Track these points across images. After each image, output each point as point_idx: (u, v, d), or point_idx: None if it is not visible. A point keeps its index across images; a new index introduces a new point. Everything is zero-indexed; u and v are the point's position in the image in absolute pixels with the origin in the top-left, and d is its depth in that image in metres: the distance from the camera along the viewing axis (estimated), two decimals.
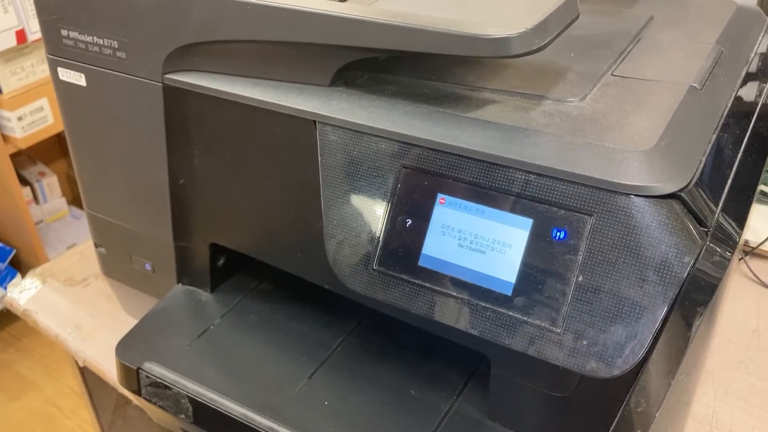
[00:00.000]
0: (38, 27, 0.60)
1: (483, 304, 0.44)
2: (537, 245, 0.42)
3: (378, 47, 0.45)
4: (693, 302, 0.41)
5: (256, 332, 0.62)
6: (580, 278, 0.41)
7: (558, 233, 0.42)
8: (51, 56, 0.59)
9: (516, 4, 0.45)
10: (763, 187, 0.84)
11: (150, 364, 0.57)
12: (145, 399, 0.58)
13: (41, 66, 1.61)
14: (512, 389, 0.49)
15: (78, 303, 0.81)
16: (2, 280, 1.77)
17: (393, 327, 0.58)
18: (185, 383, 0.56)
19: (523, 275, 0.43)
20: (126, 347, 0.60)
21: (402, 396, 0.56)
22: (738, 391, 0.67)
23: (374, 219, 0.47)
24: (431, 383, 0.57)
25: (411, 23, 0.43)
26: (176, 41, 0.52)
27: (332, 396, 0.55)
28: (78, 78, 0.59)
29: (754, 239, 0.81)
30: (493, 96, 0.48)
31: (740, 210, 0.46)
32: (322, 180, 0.49)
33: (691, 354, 0.43)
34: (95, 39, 0.56)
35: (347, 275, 0.48)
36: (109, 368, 0.72)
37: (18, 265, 1.83)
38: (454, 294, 0.45)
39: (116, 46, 0.55)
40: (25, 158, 1.90)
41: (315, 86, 0.50)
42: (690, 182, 0.41)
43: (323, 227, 0.49)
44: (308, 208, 0.50)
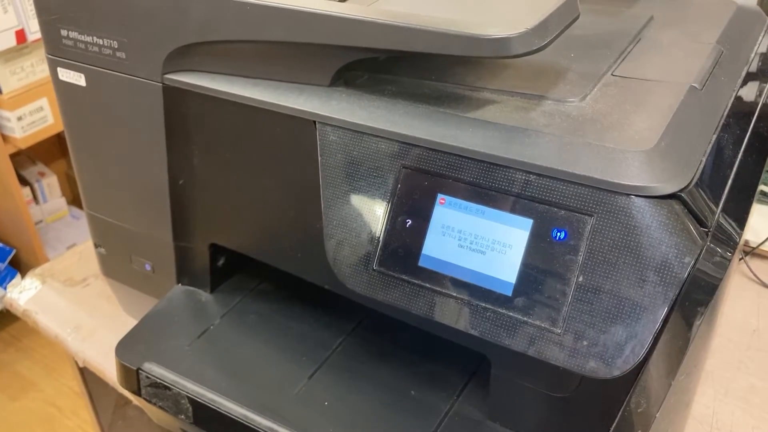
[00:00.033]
0: (38, 27, 0.60)
1: (483, 305, 0.44)
2: (537, 245, 0.42)
3: (378, 47, 0.45)
4: (693, 302, 0.41)
5: (256, 332, 0.62)
6: (581, 279, 0.41)
7: (558, 233, 0.42)
8: (51, 56, 0.59)
9: (516, 4, 0.45)
10: (764, 187, 0.84)
11: (150, 365, 0.57)
12: (145, 399, 0.58)
13: (41, 66, 1.61)
14: (512, 390, 0.49)
15: (78, 303, 0.81)
16: (2, 281, 1.77)
17: (393, 327, 0.57)
18: (185, 384, 0.56)
19: (524, 276, 0.43)
20: (126, 348, 0.60)
21: (402, 396, 0.56)
22: (738, 391, 0.67)
23: (374, 219, 0.47)
24: (431, 383, 0.57)
25: (411, 23, 0.43)
26: (176, 41, 0.52)
27: (332, 396, 0.55)
28: (78, 78, 0.59)
29: (755, 239, 0.81)
30: (493, 96, 0.48)
31: (740, 210, 0.46)
32: (322, 180, 0.49)
33: (692, 354, 0.43)
34: (95, 39, 0.56)
35: (347, 275, 0.48)
36: (109, 368, 0.72)
37: (18, 265, 1.83)
38: (455, 294, 0.45)
39: (116, 46, 0.55)
40: (25, 158, 1.90)
41: (315, 86, 0.50)
42: (690, 182, 0.41)
43: (323, 227, 0.49)
44: (308, 209, 0.50)
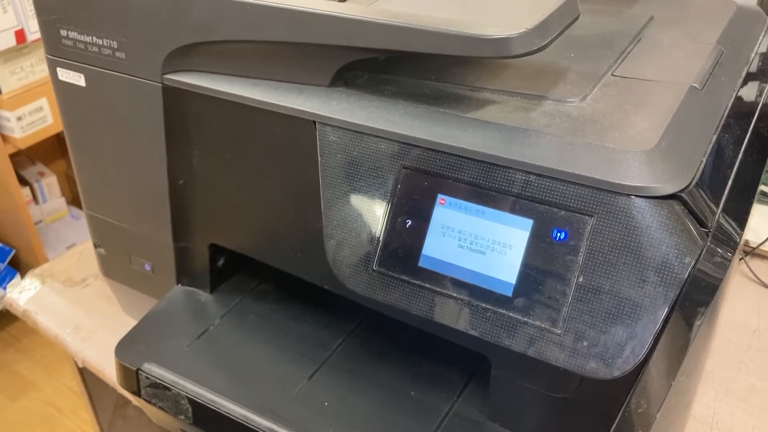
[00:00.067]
0: (37, 27, 0.59)
1: (483, 305, 0.44)
2: (537, 246, 0.42)
3: (378, 47, 0.45)
4: (694, 303, 0.40)
5: (256, 333, 0.62)
6: (581, 279, 0.41)
7: (558, 234, 0.42)
8: (50, 56, 0.59)
9: (516, 4, 0.45)
10: (764, 188, 0.84)
11: (149, 365, 0.57)
12: (145, 400, 0.58)
13: (40, 66, 1.60)
14: (513, 390, 0.49)
15: (77, 303, 0.81)
16: (2, 281, 1.77)
17: (393, 328, 0.57)
18: (185, 384, 0.56)
19: (524, 276, 0.43)
20: (125, 348, 0.60)
21: (402, 397, 0.56)
22: (738, 392, 0.66)
23: (374, 219, 0.47)
24: (431, 384, 0.57)
25: (411, 23, 0.43)
26: (176, 41, 0.52)
27: (332, 397, 0.55)
28: (77, 78, 0.59)
29: (755, 239, 0.81)
30: (494, 96, 0.48)
31: (741, 210, 0.46)
32: (322, 180, 0.49)
33: (692, 355, 0.43)
34: (94, 39, 0.56)
35: (347, 276, 0.48)
36: (109, 369, 0.72)
37: (17, 266, 1.83)
38: (455, 295, 0.45)
39: (115, 47, 0.55)
40: (25, 158, 1.90)
41: (315, 86, 0.50)
42: (691, 183, 0.41)
43: (323, 228, 0.49)
44: (308, 209, 0.50)
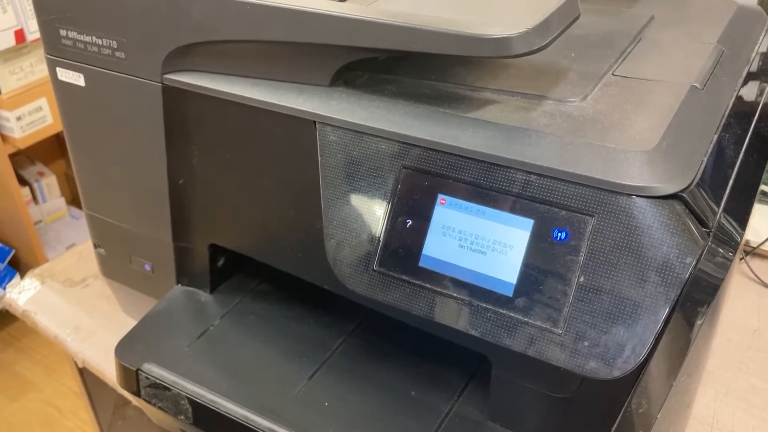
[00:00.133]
0: (37, 27, 0.59)
1: (484, 305, 0.44)
2: (538, 246, 0.42)
3: (378, 47, 0.45)
4: (695, 303, 0.40)
5: (256, 333, 0.62)
6: (582, 279, 0.41)
7: (559, 234, 0.42)
8: (50, 56, 0.59)
9: (517, 4, 0.45)
10: (765, 187, 0.84)
11: (149, 365, 0.57)
12: (145, 400, 0.58)
13: (40, 66, 1.60)
14: (513, 390, 0.49)
15: (77, 304, 0.81)
16: (1, 281, 1.77)
17: (393, 328, 0.57)
18: (185, 384, 0.56)
19: (524, 276, 0.43)
20: (125, 348, 0.59)
21: (402, 397, 0.55)
22: (739, 392, 0.66)
23: (374, 219, 0.47)
24: (432, 384, 0.57)
25: (411, 23, 0.43)
26: (175, 41, 0.52)
27: (332, 397, 0.55)
28: (77, 78, 0.59)
29: (755, 239, 0.81)
30: (494, 96, 0.48)
31: (742, 210, 0.46)
32: (322, 180, 0.49)
33: (693, 355, 0.43)
34: (94, 39, 0.56)
35: (347, 276, 0.48)
36: (109, 369, 0.72)
37: (17, 266, 1.82)
38: (455, 295, 0.45)
39: (115, 46, 0.55)
40: (24, 158, 1.90)
41: (315, 86, 0.50)
42: (692, 183, 0.41)
43: (323, 228, 0.49)
44: (308, 209, 0.50)
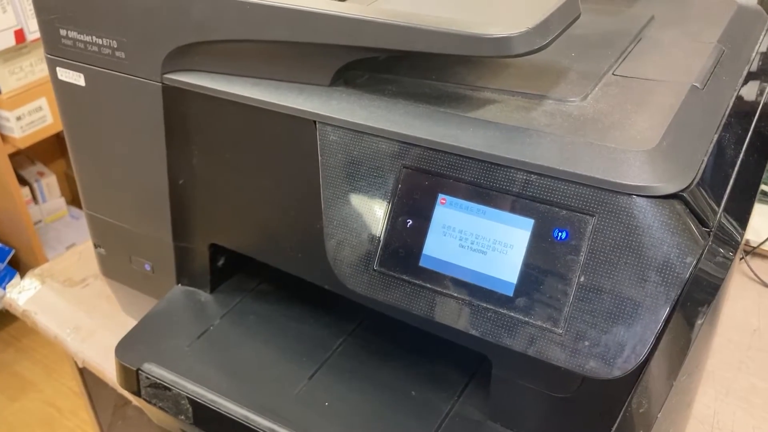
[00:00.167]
0: (37, 26, 0.59)
1: (484, 305, 0.44)
2: (538, 246, 0.42)
3: (378, 47, 0.45)
4: (695, 303, 0.40)
5: (256, 333, 0.62)
6: (582, 279, 0.41)
7: (559, 233, 0.42)
8: (50, 56, 0.59)
9: (517, 4, 0.45)
10: (765, 187, 0.84)
11: (149, 365, 0.57)
12: (145, 400, 0.58)
13: (40, 66, 1.60)
14: (513, 390, 0.49)
15: (77, 304, 0.81)
16: (1, 281, 1.77)
17: (393, 327, 0.57)
18: (185, 384, 0.55)
19: (525, 276, 0.43)
20: (125, 348, 0.59)
21: (403, 397, 0.55)
22: (739, 392, 0.66)
23: (375, 219, 0.47)
24: (432, 384, 0.57)
25: (411, 23, 0.43)
26: (176, 41, 0.52)
27: (332, 397, 0.55)
28: (77, 78, 0.59)
29: (755, 239, 0.81)
30: (494, 96, 0.48)
31: (742, 210, 0.46)
32: (322, 180, 0.49)
33: (693, 354, 0.43)
34: (94, 39, 0.55)
35: (348, 276, 0.48)
36: (109, 369, 0.72)
37: (17, 266, 1.82)
38: (455, 295, 0.45)
39: (115, 46, 0.55)
40: (24, 158, 1.90)
41: (315, 86, 0.50)
42: (692, 182, 0.41)
43: (323, 227, 0.49)
44: (308, 209, 0.50)
